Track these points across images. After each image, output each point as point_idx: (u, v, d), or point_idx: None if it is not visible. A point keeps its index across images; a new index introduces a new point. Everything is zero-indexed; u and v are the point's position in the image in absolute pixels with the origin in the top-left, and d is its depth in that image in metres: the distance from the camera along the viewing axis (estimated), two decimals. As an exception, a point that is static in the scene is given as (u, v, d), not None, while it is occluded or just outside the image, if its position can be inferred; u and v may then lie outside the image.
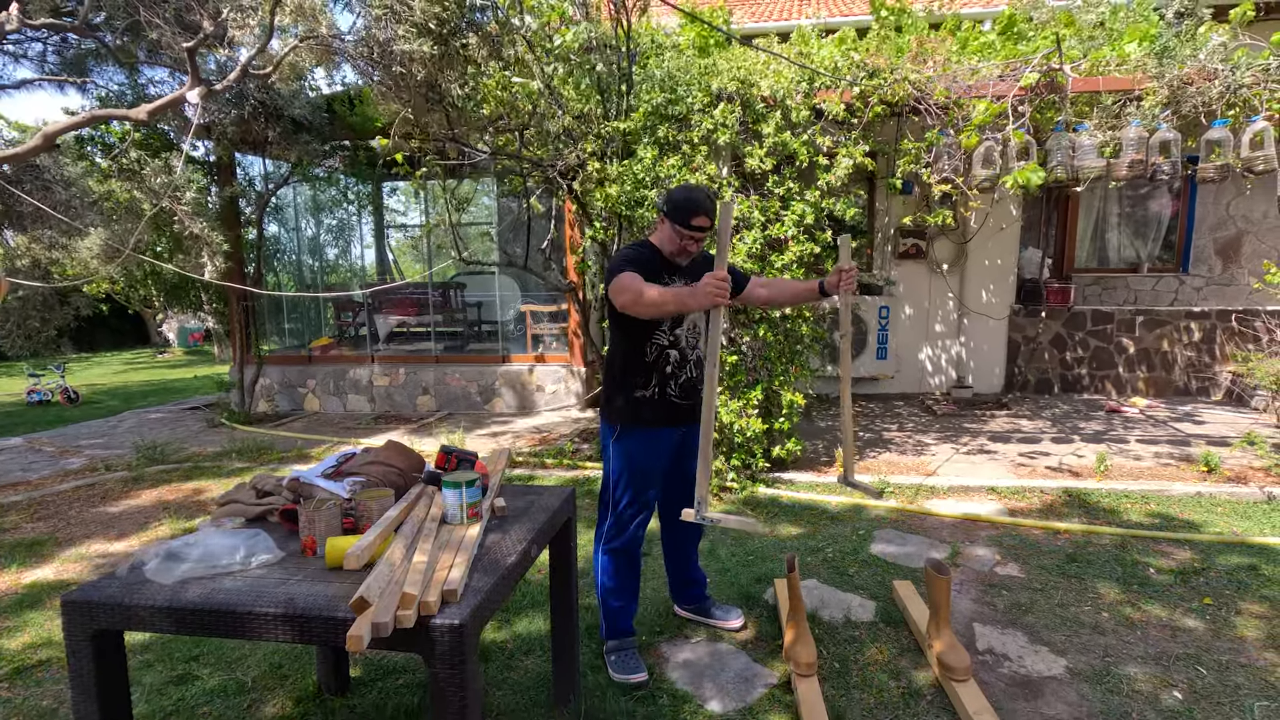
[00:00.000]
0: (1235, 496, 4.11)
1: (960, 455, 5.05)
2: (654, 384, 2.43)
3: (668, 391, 2.44)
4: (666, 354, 2.44)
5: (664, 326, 2.43)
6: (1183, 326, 6.86)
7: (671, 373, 2.44)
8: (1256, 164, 4.10)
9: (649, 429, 2.45)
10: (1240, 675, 2.42)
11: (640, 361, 2.43)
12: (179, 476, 5.05)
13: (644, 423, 2.44)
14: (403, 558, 1.51)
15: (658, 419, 2.45)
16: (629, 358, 2.44)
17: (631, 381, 2.44)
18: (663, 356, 2.43)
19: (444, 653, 1.36)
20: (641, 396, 2.43)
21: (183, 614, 1.46)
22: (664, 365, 2.43)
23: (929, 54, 4.66)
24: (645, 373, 2.43)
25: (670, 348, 2.44)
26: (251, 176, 7.63)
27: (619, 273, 2.27)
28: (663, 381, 2.43)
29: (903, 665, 2.52)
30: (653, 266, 2.37)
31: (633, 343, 2.43)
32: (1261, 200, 6.88)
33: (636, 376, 2.44)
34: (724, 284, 2.02)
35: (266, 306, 7.86)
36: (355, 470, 1.98)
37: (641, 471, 2.48)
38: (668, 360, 2.44)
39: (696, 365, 2.50)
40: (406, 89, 4.34)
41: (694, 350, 2.50)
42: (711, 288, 2.01)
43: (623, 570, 2.55)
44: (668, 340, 2.44)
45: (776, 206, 4.40)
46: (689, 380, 2.47)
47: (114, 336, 17.86)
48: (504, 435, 6.06)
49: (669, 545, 2.81)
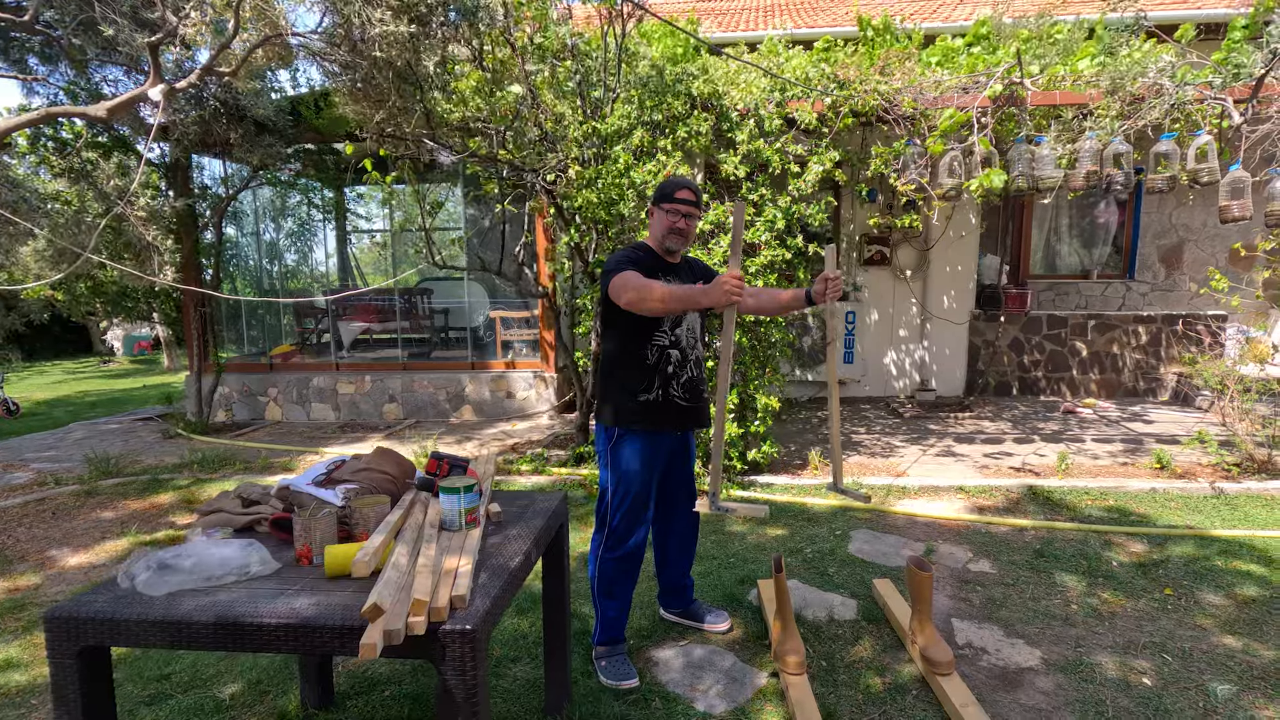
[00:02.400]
0: (1186, 492, 4.31)
1: (928, 456, 5.18)
2: (657, 386, 2.41)
3: (671, 392, 2.43)
4: (668, 354, 2.42)
5: (664, 327, 2.42)
6: (1131, 330, 7.17)
7: (673, 373, 2.43)
8: (1201, 175, 4.33)
9: (650, 432, 2.44)
10: (1202, 661, 2.54)
11: (641, 363, 2.41)
12: (136, 489, 4.85)
13: (647, 425, 2.42)
14: (409, 564, 1.49)
15: (661, 421, 2.43)
16: (628, 360, 2.42)
17: (633, 384, 2.42)
18: (664, 357, 2.42)
19: (455, 659, 1.35)
20: (646, 399, 2.41)
21: (178, 627, 1.42)
22: (665, 366, 2.42)
23: (896, 66, 4.79)
24: (647, 375, 2.41)
25: (671, 348, 2.43)
26: (210, 179, 7.42)
27: (619, 272, 2.26)
28: (665, 382, 2.42)
29: (887, 661, 2.57)
30: (648, 267, 2.37)
31: (632, 344, 2.41)
32: (1201, 210, 7.25)
33: (638, 379, 2.41)
34: (740, 283, 2.04)
35: (225, 313, 7.63)
36: (347, 477, 1.94)
37: (640, 476, 2.45)
38: (669, 360, 2.42)
39: (696, 365, 2.50)
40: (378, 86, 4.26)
41: (693, 350, 2.49)
42: (730, 285, 2.03)
43: (621, 579, 2.53)
44: (668, 340, 2.42)
45: (750, 212, 4.47)
46: (690, 380, 2.47)
47: (55, 345, 17.07)
48: (475, 442, 5.99)
49: (660, 551, 2.81)
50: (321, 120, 6.08)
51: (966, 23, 7.15)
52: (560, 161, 4.60)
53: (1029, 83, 4.40)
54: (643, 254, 2.44)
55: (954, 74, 4.72)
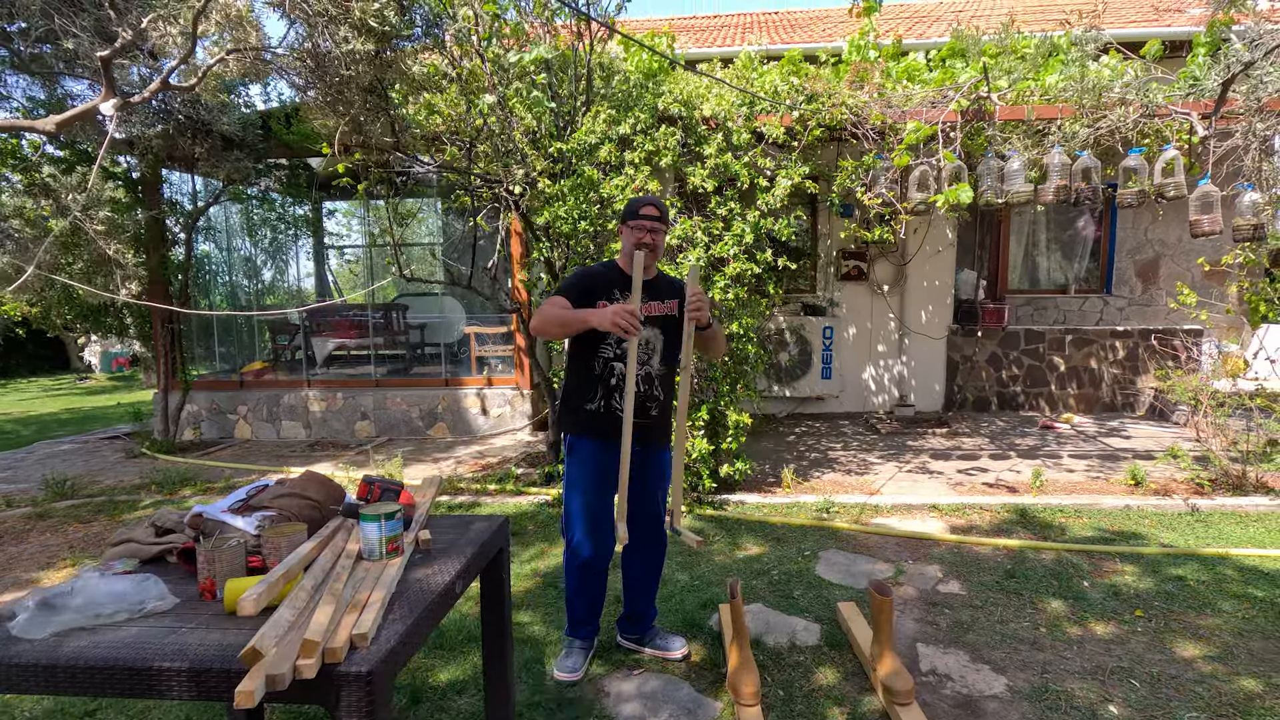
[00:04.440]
0: (1161, 509, 4.26)
1: (903, 473, 5.11)
2: (600, 396, 2.48)
3: (614, 404, 2.46)
4: (612, 366, 2.47)
5: (609, 340, 2.46)
6: (1108, 345, 7.17)
7: (616, 385, 2.46)
8: (1168, 190, 4.32)
9: (596, 441, 2.49)
10: (1171, 687, 2.47)
11: (589, 374, 2.49)
12: (90, 511, 4.71)
13: (592, 435, 2.49)
14: (309, 600, 1.40)
15: (605, 432, 2.47)
16: (578, 370, 2.52)
17: (581, 395, 2.51)
18: (609, 369, 2.47)
19: (351, 704, 1.25)
20: (590, 409, 2.49)
21: (57, 672, 1.31)
22: (609, 378, 2.47)
23: (866, 79, 4.78)
24: (593, 385, 2.49)
25: (616, 360, 2.47)
26: (180, 194, 7.31)
27: (550, 296, 2.39)
28: (609, 394, 2.47)
29: (847, 690, 2.48)
30: (603, 282, 2.46)
31: (582, 355, 2.50)
32: (1175, 225, 7.29)
33: (585, 389, 2.50)
34: (631, 317, 2.14)
35: (196, 329, 7.49)
36: (266, 504, 1.84)
37: (588, 486, 2.52)
38: (613, 373, 2.47)
39: (645, 381, 2.48)
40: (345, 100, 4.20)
41: (643, 366, 2.47)
42: (617, 316, 2.14)
43: (584, 583, 2.62)
44: (614, 353, 2.46)
45: (719, 226, 4.42)
46: (636, 395, 2.44)
47: (31, 362, 16.80)
48: (446, 461, 5.87)
49: (626, 571, 2.74)
50: (292, 135, 6.01)
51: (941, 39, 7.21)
52: (528, 175, 4.54)
53: (996, 97, 4.39)
54: (601, 270, 2.54)
55: (923, 88, 4.71)
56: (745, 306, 4.55)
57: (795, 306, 7.25)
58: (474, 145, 4.80)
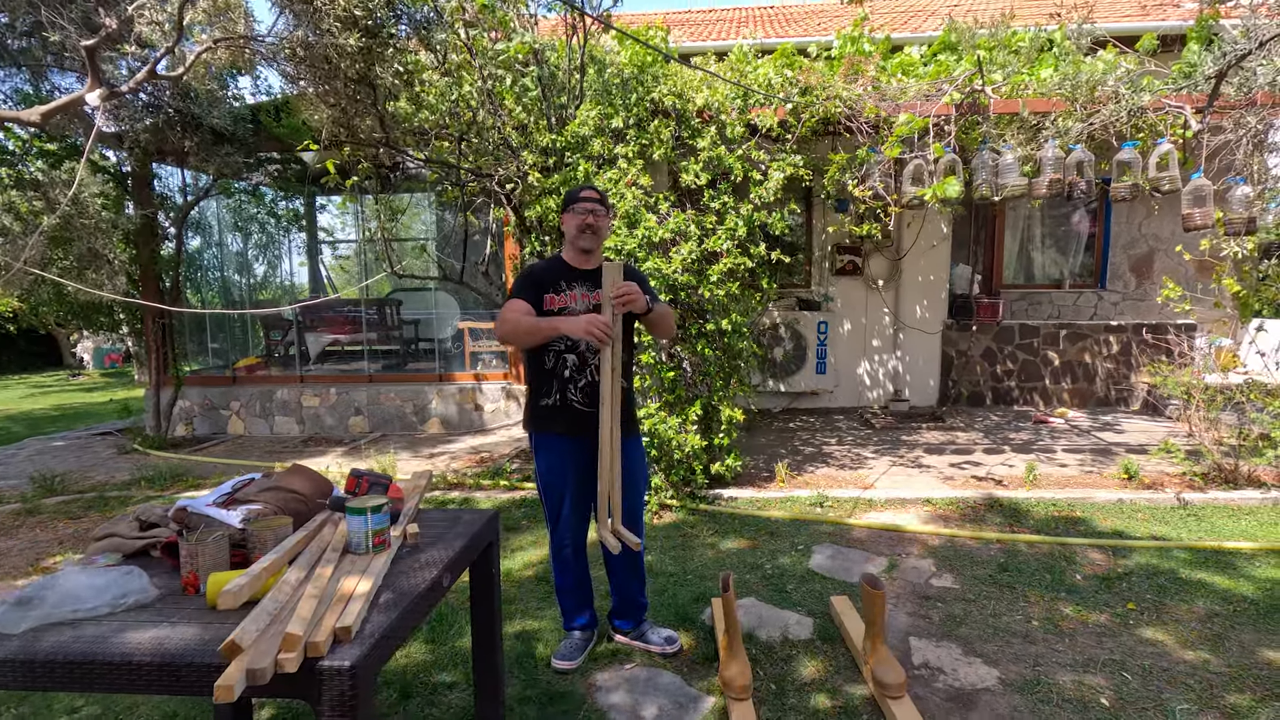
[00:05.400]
0: (1153, 502, 4.26)
1: (897, 468, 5.11)
2: (555, 390, 2.48)
3: (569, 397, 2.47)
4: (564, 359, 2.47)
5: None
6: (1102, 340, 7.17)
7: (570, 377, 2.47)
8: (1162, 184, 4.32)
9: (557, 436, 2.51)
10: (1163, 679, 2.47)
11: (541, 369, 2.49)
12: (80, 508, 4.68)
13: (552, 430, 2.50)
14: (292, 593, 1.38)
15: (563, 426, 2.48)
16: (534, 366, 2.52)
17: (537, 390, 2.52)
18: (560, 361, 2.47)
19: (333, 698, 1.23)
20: (546, 404, 2.49)
21: (35, 667, 1.29)
22: (562, 370, 2.47)
23: (860, 72, 4.76)
24: (547, 380, 2.49)
25: (568, 352, 2.47)
26: (173, 189, 7.26)
27: (507, 301, 2.39)
28: (563, 387, 2.47)
29: (839, 684, 2.47)
30: (551, 275, 2.48)
31: (536, 351, 2.49)
32: (1169, 220, 7.29)
33: (540, 384, 2.50)
34: (605, 329, 2.13)
35: (188, 325, 7.45)
36: (251, 497, 1.83)
37: (553, 480, 2.55)
38: (565, 364, 2.47)
39: (598, 370, 2.44)
40: (334, 91, 4.16)
41: (595, 355, 2.45)
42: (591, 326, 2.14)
43: (566, 572, 2.65)
44: (564, 345, 2.46)
45: (712, 220, 4.40)
46: (590, 385, 2.46)
47: (23, 359, 16.70)
48: (440, 456, 5.85)
49: (608, 564, 2.73)
50: (282, 128, 5.96)
51: (935, 33, 7.19)
52: (519, 169, 4.51)
53: (990, 90, 4.38)
54: (549, 264, 2.55)
55: (917, 81, 4.69)
56: (738, 301, 4.53)
57: (790, 301, 7.24)
58: (464, 139, 4.76)
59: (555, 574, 2.69)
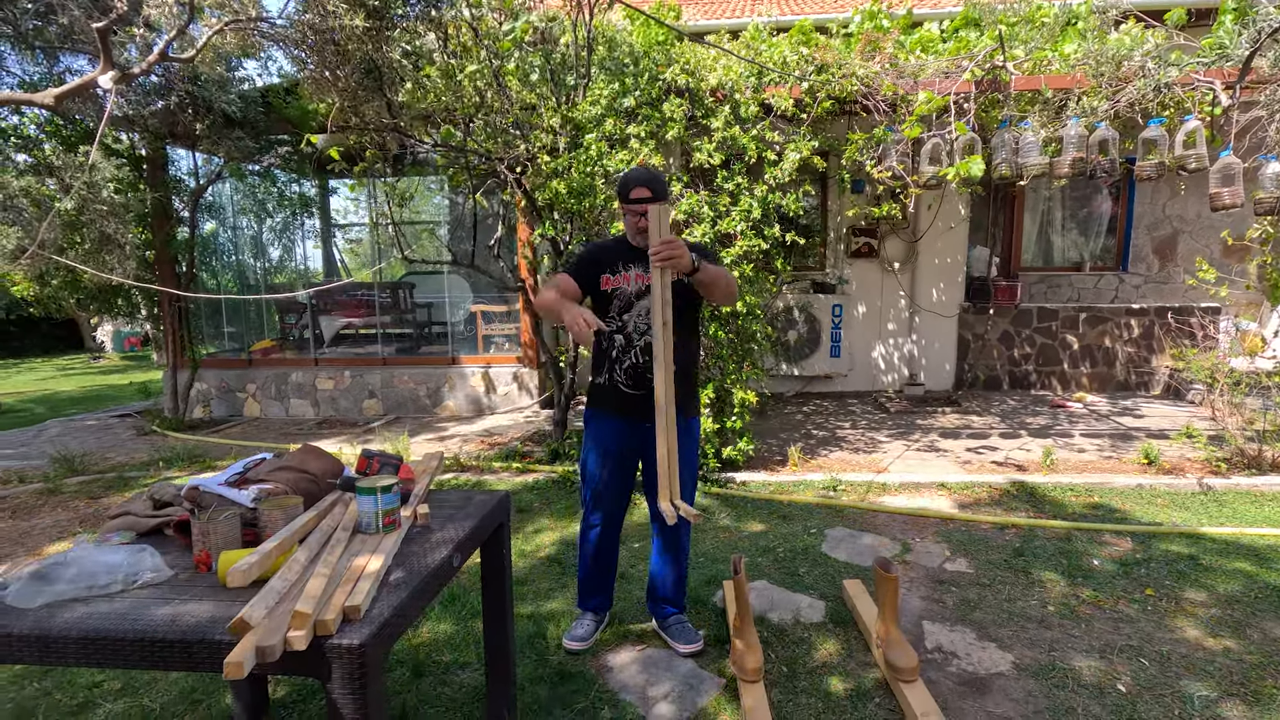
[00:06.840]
0: (1173, 488, 4.20)
1: (912, 452, 5.07)
2: (605, 369, 2.48)
3: (615, 378, 2.46)
4: (613, 339, 2.45)
5: (612, 314, 2.45)
6: (1123, 323, 7.05)
7: (617, 358, 2.46)
8: (1189, 162, 4.20)
9: (605, 415, 2.51)
10: (1181, 665, 2.43)
11: (599, 347, 2.51)
12: (100, 488, 4.75)
13: (600, 408, 2.52)
14: (302, 572, 1.38)
15: (611, 406, 2.48)
16: (595, 345, 2.52)
17: (594, 367, 2.55)
18: (610, 342, 2.46)
19: (342, 676, 1.23)
20: (598, 382, 2.52)
21: (49, 642, 1.30)
22: (611, 350, 2.47)
23: (877, 48, 4.66)
24: (600, 359, 2.51)
25: (617, 333, 2.45)
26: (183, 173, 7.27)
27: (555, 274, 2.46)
28: (610, 367, 2.47)
29: (851, 667, 2.46)
30: (610, 255, 2.46)
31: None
32: (1195, 201, 7.12)
33: (596, 362, 2.53)
34: (584, 324, 2.07)
35: (204, 309, 7.50)
36: (263, 477, 1.83)
37: (595, 458, 2.55)
38: (614, 345, 2.46)
39: (644, 351, 2.43)
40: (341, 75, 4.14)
41: (641, 336, 2.43)
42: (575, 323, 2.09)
43: (590, 552, 2.63)
44: (615, 326, 2.45)
45: (726, 202, 4.34)
46: (634, 366, 2.43)
47: (45, 342, 16.98)
48: (452, 439, 5.88)
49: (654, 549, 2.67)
50: (293, 110, 5.95)
51: (956, 8, 7.01)
52: (529, 151, 4.47)
53: (1011, 66, 4.26)
54: (609, 244, 2.55)
55: (937, 58, 4.58)
56: (752, 284, 4.49)
57: (804, 284, 7.16)
58: (471, 121, 4.72)
59: (581, 552, 2.68)
